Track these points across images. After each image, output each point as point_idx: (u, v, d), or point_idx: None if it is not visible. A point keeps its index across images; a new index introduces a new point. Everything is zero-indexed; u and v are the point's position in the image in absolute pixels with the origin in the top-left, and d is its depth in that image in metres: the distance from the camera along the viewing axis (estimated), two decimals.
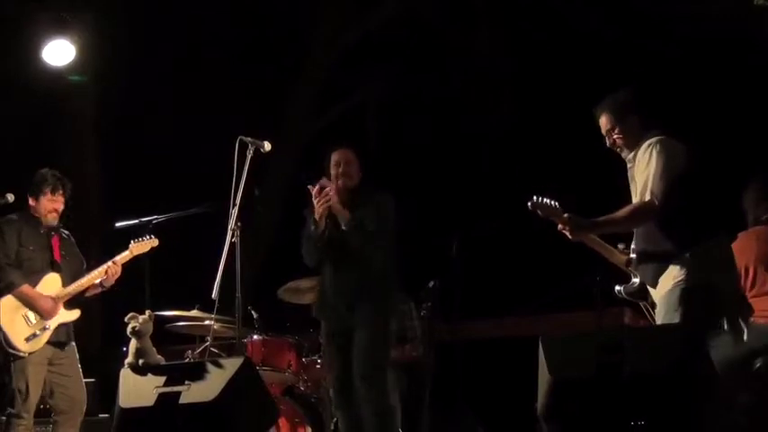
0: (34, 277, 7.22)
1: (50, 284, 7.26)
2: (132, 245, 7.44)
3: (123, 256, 7.40)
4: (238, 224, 6.41)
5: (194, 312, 7.82)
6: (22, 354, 7.03)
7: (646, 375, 4.96)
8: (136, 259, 7.50)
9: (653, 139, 5.76)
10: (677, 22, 9.92)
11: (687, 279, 5.57)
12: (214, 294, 6.22)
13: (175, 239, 7.60)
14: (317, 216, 6.54)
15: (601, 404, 5.05)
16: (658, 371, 4.97)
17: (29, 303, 7.12)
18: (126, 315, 6.16)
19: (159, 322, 6.80)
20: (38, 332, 7.11)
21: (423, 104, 11.49)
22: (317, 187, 6.52)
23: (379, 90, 11.91)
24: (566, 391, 5.10)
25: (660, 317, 5.67)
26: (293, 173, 11.23)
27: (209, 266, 6.35)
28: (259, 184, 6.86)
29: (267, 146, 6.62)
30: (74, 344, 7.39)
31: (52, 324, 7.17)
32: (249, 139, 6.54)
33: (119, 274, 7.37)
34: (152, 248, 7.50)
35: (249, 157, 6.50)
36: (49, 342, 7.16)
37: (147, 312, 6.17)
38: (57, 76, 10.09)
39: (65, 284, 7.29)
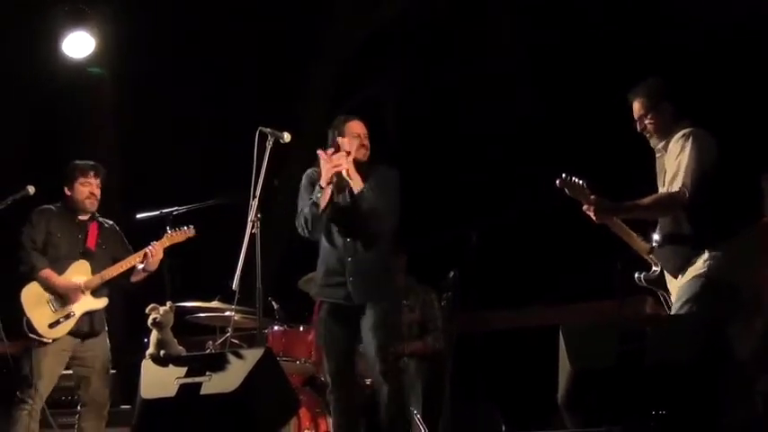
0: (61, 263, 7.27)
1: (79, 271, 7.29)
2: (169, 233, 7.44)
3: (160, 243, 7.39)
4: (258, 215, 6.41)
5: (215, 303, 7.83)
6: (45, 340, 7.07)
7: (667, 364, 4.95)
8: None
9: (686, 130, 5.75)
10: (694, 12, 9.87)
11: (710, 272, 5.57)
12: (234, 285, 6.23)
13: (196, 231, 7.61)
14: (323, 182, 6.46)
15: (622, 393, 5.05)
16: (680, 360, 4.96)
17: (50, 287, 7.15)
18: (147, 306, 6.17)
19: (180, 313, 6.81)
20: (62, 319, 7.14)
21: (441, 94, 11.47)
22: (329, 151, 6.49)
23: (398, 80, 11.89)
24: (586, 380, 5.10)
25: (676, 307, 5.67)
26: (313, 163, 11.23)
27: (229, 258, 6.36)
28: (279, 175, 6.85)
29: (287, 137, 6.61)
30: (103, 335, 7.41)
31: (77, 311, 7.20)
32: (269, 129, 6.53)
33: (160, 255, 7.36)
34: (188, 238, 7.51)
35: (269, 147, 6.49)
36: (70, 332, 7.19)
37: (168, 304, 6.19)
38: (76, 68, 10.11)
39: (95, 272, 7.31)
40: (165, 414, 5.67)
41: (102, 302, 7.34)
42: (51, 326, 7.10)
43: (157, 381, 5.76)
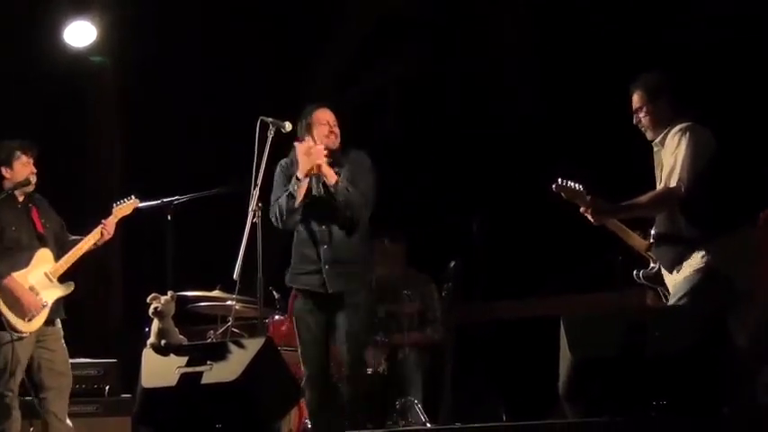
0: (25, 255, 7.15)
1: (43, 260, 7.19)
2: (115, 208, 7.38)
3: (111, 218, 7.33)
4: (259, 204, 6.42)
5: (216, 293, 7.84)
6: (24, 335, 7.01)
7: (668, 355, 4.95)
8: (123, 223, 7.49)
9: (683, 125, 5.76)
10: (696, 10, 9.85)
11: (707, 267, 5.57)
12: (236, 275, 6.24)
13: (197, 220, 7.60)
14: (301, 174, 6.49)
15: (622, 384, 5.05)
16: (680, 350, 4.97)
17: (12, 296, 7.00)
18: (148, 296, 6.18)
19: (181, 303, 6.82)
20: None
21: (445, 83, 11.45)
22: (305, 143, 6.55)
23: (402, 69, 11.88)
24: (587, 370, 5.10)
25: (673, 300, 5.69)
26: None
27: (230, 247, 6.36)
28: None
29: (288, 126, 6.63)
30: (59, 320, 7.34)
31: (49, 300, 7.12)
32: (270, 119, 6.55)
33: (112, 233, 7.30)
34: (134, 209, 7.44)
35: (270, 137, 6.51)
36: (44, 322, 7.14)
37: (169, 293, 6.19)
38: (78, 57, 10.10)
39: (56, 257, 7.25)
40: (166, 403, 5.68)
41: (69, 288, 7.25)
42: (29, 320, 7.05)
43: (158, 370, 5.76)
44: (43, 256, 7.22)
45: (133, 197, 7.46)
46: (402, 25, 11.61)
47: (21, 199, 7.28)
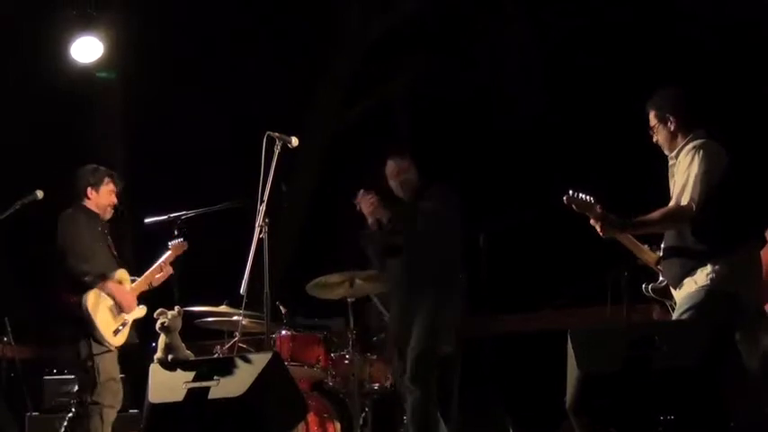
0: (105, 273, 7.31)
1: (123, 280, 7.39)
2: (171, 245, 7.53)
3: (168, 257, 7.51)
4: (266, 220, 6.42)
5: (223, 308, 7.84)
6: (112, 348, 7.19)
7: (675, 370, 4.95)
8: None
9: (697, 142, 5.76)
10: (713, 9, 9.85)
11: (712, 285, 5.58)
12: (242, 290, 6.24)
13: (204, 235, 7.62)
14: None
15: (629, 398, 5.04)
16: (688, 365, 4.96)
17: (112, 297, 7.23)
18: (155, 311, 6.18)
19: (188, 318, 6.82)
20: (120, 327, 7.27)
21: (451, 96, 11.46)
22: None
23: (407, 82, 11.89)
24: (594, 384, 5.10)
25: (677, 314, 5.70)
26: (321, 168, 11.27)
27: (237, 262, 6.37)
28: (286, 180, 6.86)
29: (294, 141, 6.63)
30: None
31: (130, 319, 7.33)
32: (276, 134, 6.55)
33: (170, 273, 7.52)
34: (183, 251, 7.58)
35: (276, 152, 6.51)
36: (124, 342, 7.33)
37: (176, 308, 6.18)
38: (85, 73, 10.13)
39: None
40: (173, 418, 5.67)
41: (143, 311, 7.43)
42: (114, 333, 7.21)
43: (165, 385, 5.76)
44: (122, 277, 7.40)
45: (182, 239, 7.55)
46: (406, 37, 11.64)
47: (101, 225, 7.45)
